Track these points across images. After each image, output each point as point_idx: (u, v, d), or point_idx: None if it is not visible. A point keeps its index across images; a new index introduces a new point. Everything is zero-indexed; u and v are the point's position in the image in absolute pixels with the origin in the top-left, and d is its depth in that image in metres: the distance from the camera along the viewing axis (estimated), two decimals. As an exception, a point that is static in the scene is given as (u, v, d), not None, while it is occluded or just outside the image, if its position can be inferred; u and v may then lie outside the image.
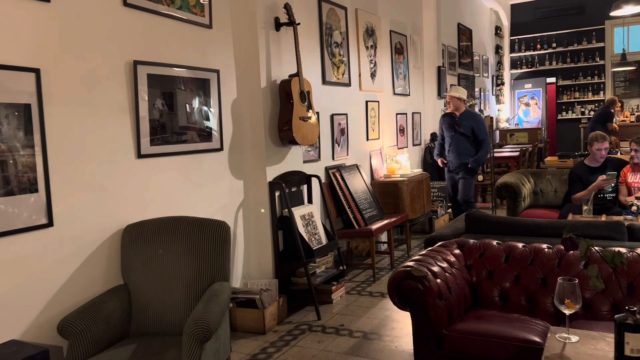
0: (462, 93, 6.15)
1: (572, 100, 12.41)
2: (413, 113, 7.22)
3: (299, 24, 4.19)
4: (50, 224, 2.65)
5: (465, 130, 6.01)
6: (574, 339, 1.99)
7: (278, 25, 4.17)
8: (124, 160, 3.09)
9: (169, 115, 3.39)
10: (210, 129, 3.75)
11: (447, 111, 6.41)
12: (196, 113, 3.62)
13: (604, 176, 4.49)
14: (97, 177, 2.91)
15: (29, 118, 2.55)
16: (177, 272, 2.83)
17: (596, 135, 4.79)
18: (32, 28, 2.59)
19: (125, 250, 2.91)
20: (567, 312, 2.00)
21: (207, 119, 3.72)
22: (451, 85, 7.71)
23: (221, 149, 3.86)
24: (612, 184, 4.56)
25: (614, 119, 9.29)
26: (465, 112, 6.10)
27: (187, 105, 3.54)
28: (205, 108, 3.69)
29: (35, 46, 2.60)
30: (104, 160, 2.96)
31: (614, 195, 4.66)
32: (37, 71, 2.58)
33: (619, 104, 10.15)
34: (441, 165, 6.49)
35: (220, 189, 3.87)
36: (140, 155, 3.18)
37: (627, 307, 1.79)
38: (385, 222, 5.16)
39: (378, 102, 6.19)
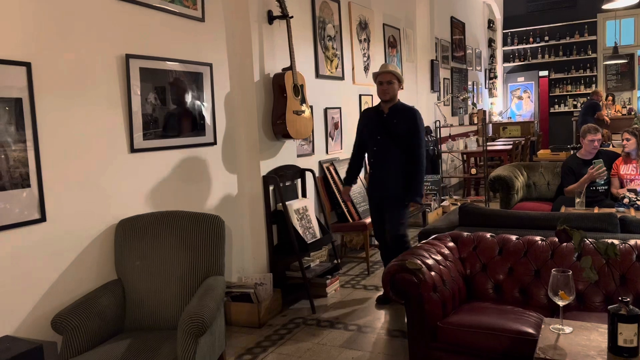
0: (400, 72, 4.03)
1: (565, 93, 12.45)
2: (406, 107, 7.22)
3: (292, 17, 4.17)
4: (43, 219, 2.63)
5: (399, 132, 3.87)
6: (568, 330, 2.00)
7: (271, 18, 4.15)
8: (117, 155, 3.07)
9: (162, 110, 3.37)
10: (204, 123, 3.74)
11: (380, 104, 4.03)
12: (189, 107, 3.60)
13: (593, 167, 4.51)
14: (90, 172, 2.89)
15: (20, 113, 2.53)
16: (171, 266, 2.82)
17: (589, 127, 4.83)
18: (22, 21, 2.56)
19: (119, 245, 2.89)
20: (560, 303, 2.01)
21: (200, 113, 3.70)
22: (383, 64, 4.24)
23: (214, 143, 3.84)
24: (605, 177, 4.58)
25: (601, 108, 9.59)
26: (398, 105, 3.93)
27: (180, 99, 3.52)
28: (198, 102, 3.67)
29: (26, 40, 2.57)
30: (97, 155, 2.94)
31: (606, 187, 4.69)
32: (28, 65, 2.55)
33: (603, 94, 10.42)
34: (345, 199, 4.36)
35: (214, 183, 3.86)
36: (133, 150, 3.16)
37: (620, 298, 1.80)
38: (379, 215, 5.16)
39: (371, 95, 6.18)
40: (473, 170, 8.01)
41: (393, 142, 3.89)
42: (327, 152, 5.27)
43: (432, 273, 2.64)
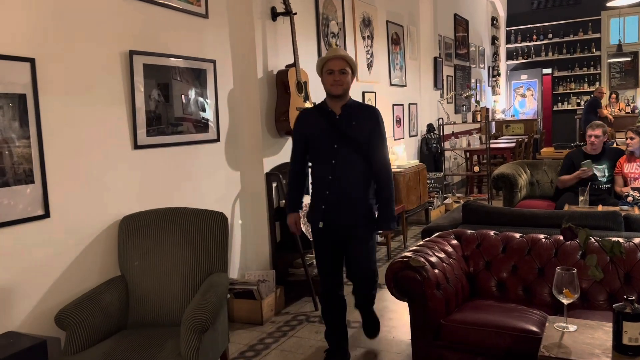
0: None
1: (568, 91, 12.42)
2: (410, 104, 7.21)
3: (295, 13, 4.16)
4: (46, 215, 2.63)
5: (361, 137, 2.87)
6: (572, 328, 2.00)
7: (275, 15, 4.14)
8: (121, 151, 3.07)
9: (165, 106, 3.37)
10: (207, 119, 3.73)
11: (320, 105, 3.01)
12: (192, 104, 3.59)
13: (584, 168, 4.60)
14: (93, 168, 2.89)
15: (24, 108, 2.52)
16: (174, 263, 2.82)
17: (592, 123, 4.95)
18: (26, 17, 2.56)
19: (122, 242, 2.89)
20: (565, 301, 2.00)
21: (203, 109, 3.70)
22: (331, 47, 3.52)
23: (217, 140, 3.84)
24: (590, 174, 4.60)
25: (602, 105, 9.69)
26: (353, 103, 2.94)
27: (183, 96, 3.51)
28: (201, 99, 3.67)
29: (30, 35, 2.57)
30: (101, 151, 2.94)
31: (609, 186, 4.69)
32: (32, 61, 2.55)
33: (606, 91, 10.52)
34: (297, 232, 3.13)
35: (217, 180, 3.86)
36: (136, 146, 3.16)
37: (625, 297, 1.80)
38: (382, 213, 5.12)
39: (375, 93, 6.17)
40: (476, 168, 8.00)
41: (355, 152, 2.85)
42: (330, 149, 5.25)
43: (436, 271, 2.63)
